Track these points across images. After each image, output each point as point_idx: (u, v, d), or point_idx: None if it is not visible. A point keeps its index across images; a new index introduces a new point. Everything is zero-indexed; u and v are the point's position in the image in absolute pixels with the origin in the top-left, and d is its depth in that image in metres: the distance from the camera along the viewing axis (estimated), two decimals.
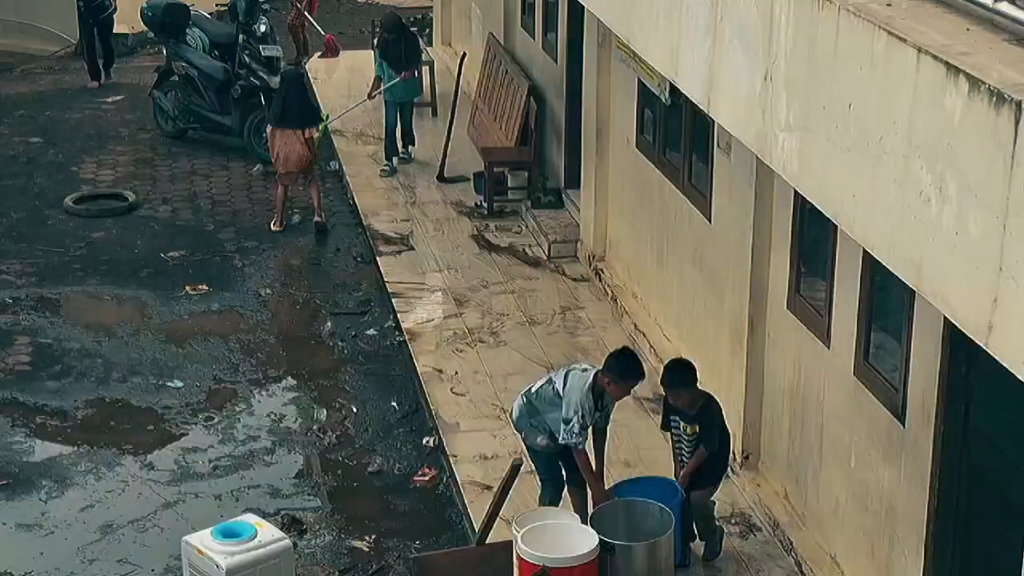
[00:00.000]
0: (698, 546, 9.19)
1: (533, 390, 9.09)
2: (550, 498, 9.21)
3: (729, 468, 9.60)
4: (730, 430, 9.27)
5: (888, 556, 8.19)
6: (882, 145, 5.18)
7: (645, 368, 9.20)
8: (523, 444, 9.31)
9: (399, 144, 16.38)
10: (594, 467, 9.10)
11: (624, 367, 8.85)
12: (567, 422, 8.80)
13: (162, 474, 10.78)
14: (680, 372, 9.02)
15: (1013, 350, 4.48)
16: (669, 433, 9.27)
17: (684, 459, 9.08)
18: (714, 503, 9.24)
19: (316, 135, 15.00)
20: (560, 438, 8.85)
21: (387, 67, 16.05)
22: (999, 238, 4.46)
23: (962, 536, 7.77)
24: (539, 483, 9.32)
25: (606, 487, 9.08)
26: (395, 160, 16.20)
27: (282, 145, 14.86)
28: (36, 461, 10.99)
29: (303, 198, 15.60)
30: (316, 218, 15.30)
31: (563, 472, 9.19)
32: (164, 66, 18.23)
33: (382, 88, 16.04)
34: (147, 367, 12.44)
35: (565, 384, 8.88)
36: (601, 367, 8.90)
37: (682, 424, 9.01)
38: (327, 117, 16.05)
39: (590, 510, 8.96)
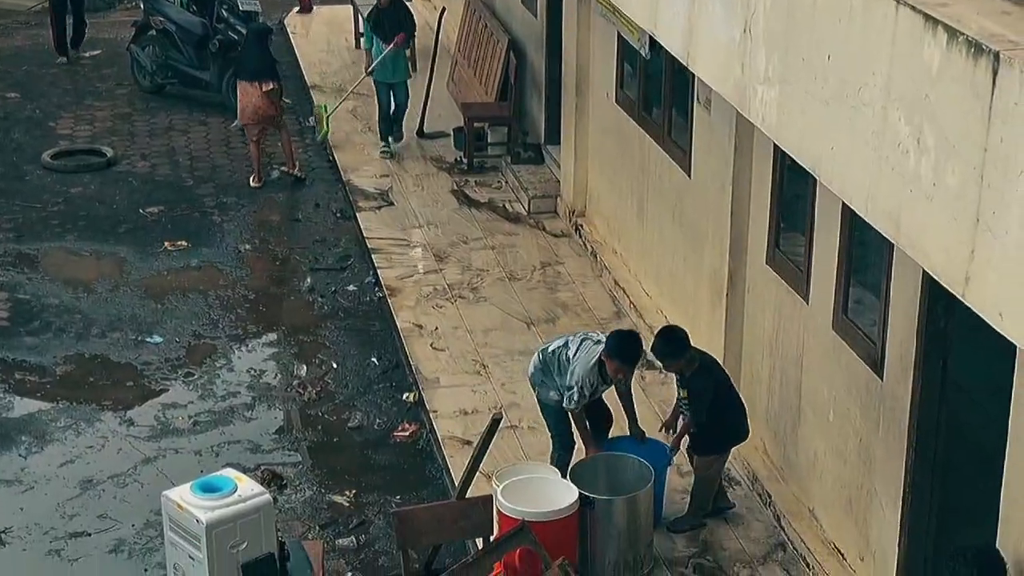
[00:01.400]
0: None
1: (550, 349, 9.10)
2: (559, 455, 9.22)
3: None
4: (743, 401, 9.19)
5: (866, 508, 8.23)
6: (860, 97, 5.17)
7: (628, 324, 9.19)
8: (536, 399, 9.32)
9: (380, 130, 15.67)
10: (628, 424, 9.20)
11: (619, 347, 8.84)
12: (568, 389, 8.86)
13: (142, 430, 10.78)
14: (666, 342, 8.90)
15: (989, 302, 4.49)
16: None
17: (684, 415, 9.05)
18: (719, 479, 9.17)
19: (273, 90, 14.85)
20: (564, 402, 8.92)
21: (378, 41, 15.35)
22: (977, 190, 4.47)
23: (939, 488, 7.82)
24: (550, 440, 9.33)
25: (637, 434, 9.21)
26: (391, 140, 15.52)
27: (240, 96, 14.88)
28: (15, 417, 10.97)
29: (282, 154, 15.53)
30: (286, 168, 15.27)
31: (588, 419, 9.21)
32: (142, 21, 18.08)
33: (374, 63, 15.32)
34: (126, 323, 12.41)
35: (576, 353, 8.91)
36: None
37: (679, 388, 8.97)
38: (324, 107, 15.81)
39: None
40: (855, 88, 5.20)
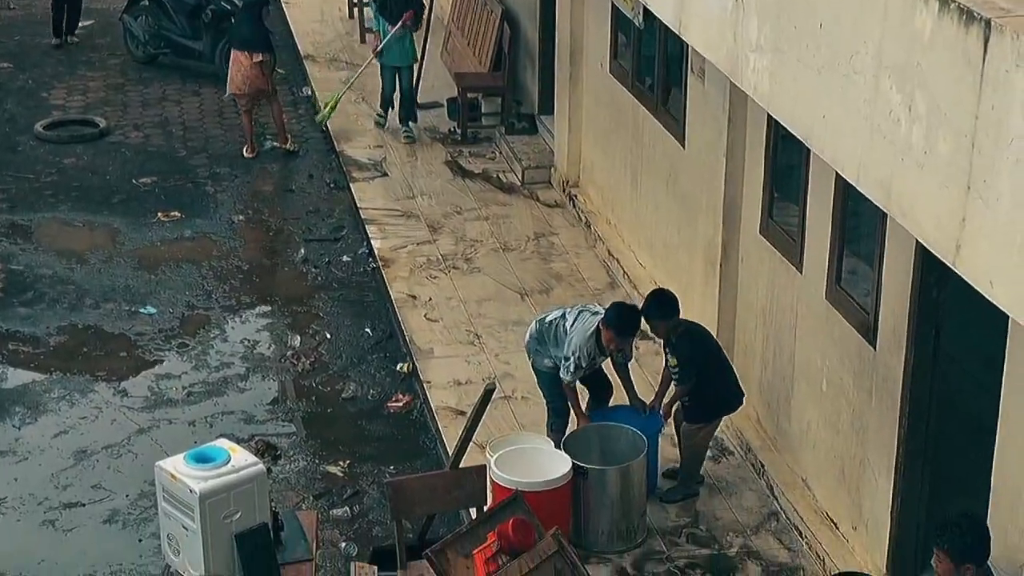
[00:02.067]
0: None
1: (547, 320, 9.10)
2: (554, 421, 9.23)
3: None
4: (735, 369, 9.20)
5: (858, 478, 8.25)
6: (852, 65, 5.15)
7: (622, 295, 9.19)
8: (531, 367, 9.33)
9: (399, 115, 15.13)
10: (627, 396, 9.22)
11: (618, 318, 8.84)
12: (566, 359, 8.86)
13: (136, 400, 10.78)
14: (653, 303, 8.96)
15: (980, 270, 4.49)
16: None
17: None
18: (706, 446, 9.18)
19: (265, 62, 14.76)
20: (561, 373, 8.92)
21: (384, 22, 14.87)
22: (968, 157, 4.45)
23: (931, 458, 7.83)
24: (545, 409, 9.34)
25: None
26: (390, 112, 15.13)
27: (231, 65, 14.84)
28: (9, 388, 10.96)
29: (275, 125, 15.48)
30: (278, 143, 15.22)
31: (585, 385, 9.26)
32: None
33: (380, 45, 14.87)
34: (120, 293, 12.40)
35: (574, 324, 8.91)
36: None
37: (668, 357, 8.96)
38: (336, 99, 15.54)
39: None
40: (847, 56, 5.18)
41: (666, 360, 9.02)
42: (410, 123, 15.02)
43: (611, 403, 9.35)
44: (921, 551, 8.00)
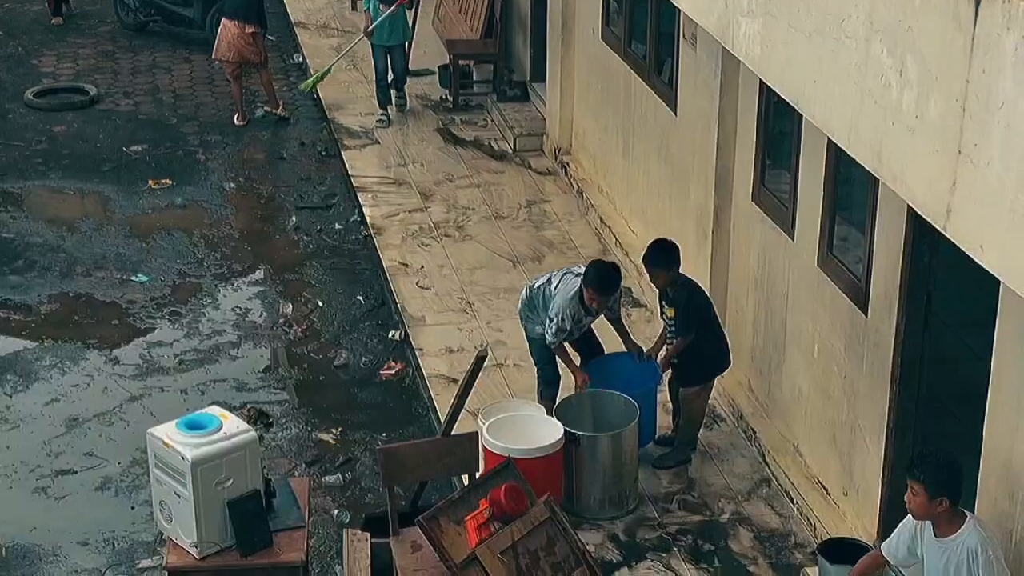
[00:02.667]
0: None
1: (536, 285, 9.10)
2: (543, 389, 9.23)
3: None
4: (725, 333, 9.19)
5: (849, 443, 8.26)
6: (843, 29, 5.14)
7: (612, 260, 9.17)
8: (524, 335, 9.32)
9: (392, 106, 14.82)
10: (623, 342, 9.21)
11: (596, 276, 8.82)
12: (549, 321, 8.86)
13: (127, 368, 10.77)
14: (656, 251, 8.89)
15: (970, 234, 4.49)
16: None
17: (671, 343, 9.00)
18: (704, 412, 9.17)
19: (255, 33, 14.68)
20: (546, 334, 8.92)
21: (376, 2, 14.44)
22: (958, 121, 4.44)
23: (922, 423, 7.85)
24: (536, 374, 9.34)
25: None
26: (390, 109, 14.71)
27: (220, 31, 14.77)
28: (0, 356, 10.95)
29: (266, 93, 15.43)
30: (269, 108, 15.17)
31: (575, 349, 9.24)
32: None
33: (373, 25, 14.50)
34: (111, 261, 12.38)
35: (557, 285, 8.91)
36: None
37: (665, 308, 8.93)
38: (325, 72, 15.43)
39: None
40: (838, 20, 5.17)
41: (662, 313, 8.96)
42: (389, 108, 14.63)
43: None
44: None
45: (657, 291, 9.13)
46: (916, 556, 6.43)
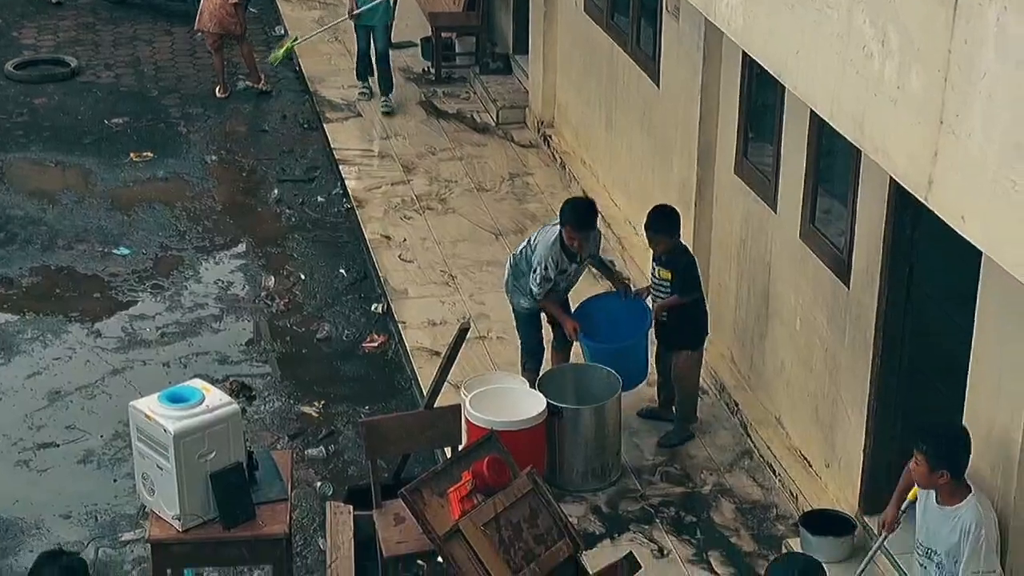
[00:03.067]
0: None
1: (518, 251, 9.08)
2: (526, 361, 9.22)
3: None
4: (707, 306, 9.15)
5: (831, 416, 8.29)
6: None
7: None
8: (511, 309, 9.29)
9: (373, 78, 14.47)
10: (610, 280, 9.20)
11: (572, 212, 8.79)
12: (533, 272, 8.82)
13: (109, 341, 10.75)
14: (660, 217, 8.82)
15: (952, 205, 4.49)
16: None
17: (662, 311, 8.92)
18: (698, 381, 9.15)
19: (238, 4, 14.57)
20: (531, 285, 8.85)
21: None
22: (940, 92, 4.44)
23: (904, 395, 7.87)
24: (519, 347, 9.33)
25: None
26: (371, 80, 14.42)
27: (202, 1, 14.67)
28: None
29: (246, 66, 15.37)
30: (251, 83, 15.10)
31: (552, 338, 9.20)
32: None
33: (358, 9, 14.12)
34: (92, 234, 12.34)
35: (536, 237, 8.91)
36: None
37: (657, 270, 8.87)
38: (295, 39, 15.36)
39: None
40: None
41: (654, 275, 8.88)
42: (389, 95, 14.36)
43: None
44: (893, 488, 8.04)
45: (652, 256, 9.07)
46: None
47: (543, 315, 9.15)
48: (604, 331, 8.97)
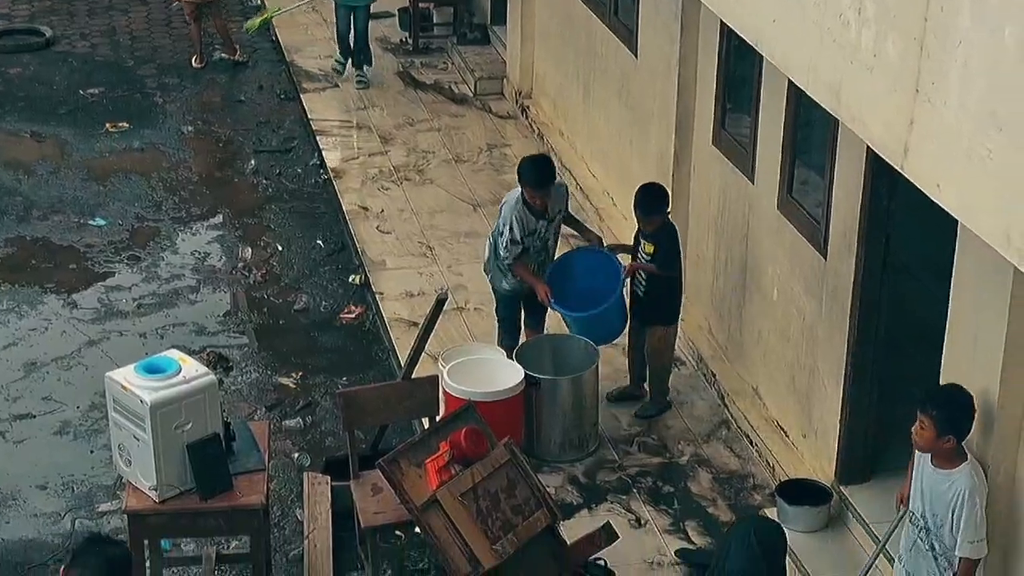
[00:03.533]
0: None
1: (494, 229, 9.01)
2: (503, 339, 9.20)
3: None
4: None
5: (808, 386, 8.31)
6: None
7: (575, 205, 9.10)
8: (490, 286, 9.26)
9: (351, 60, 14.24)
10: (582, 234, 9.21)
11: (527, 170, 8.76)
12: (501, 235, 8.77)
13: (86, 312, 10.70)
14: (651, 198, 8.69)
15: (927, 173, 4.49)
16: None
17: (640, 284, 8.86)
18: (672, 356, 9.13)
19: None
20: (501, 251, 8.78)
21: None
22: (916, 60, 4.44)
23: (881, 366, 7.90)
24: (496, 323, 9.30)
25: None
26: (365, 68, 14.15)
27: None
28: None
29: (221, 37, 15.28)
30: (224, 55, 15.00)
31: (523, 315, 9.16)
32: None
33: None
34: (68, 205, 12.28)
35: (503, 204, 8.88)
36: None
37: (643, 243, 8.78)
38: (272, 13, 15.19)
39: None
40: None
41: (637, 248, 8.83)
42: (365, 67, 14.23)
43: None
44: (869, 458, 8.10)
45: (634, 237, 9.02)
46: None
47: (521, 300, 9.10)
48: (580, 289, 8.88)
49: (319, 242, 11.72)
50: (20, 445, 9.23)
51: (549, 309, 9.05)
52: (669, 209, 8.77)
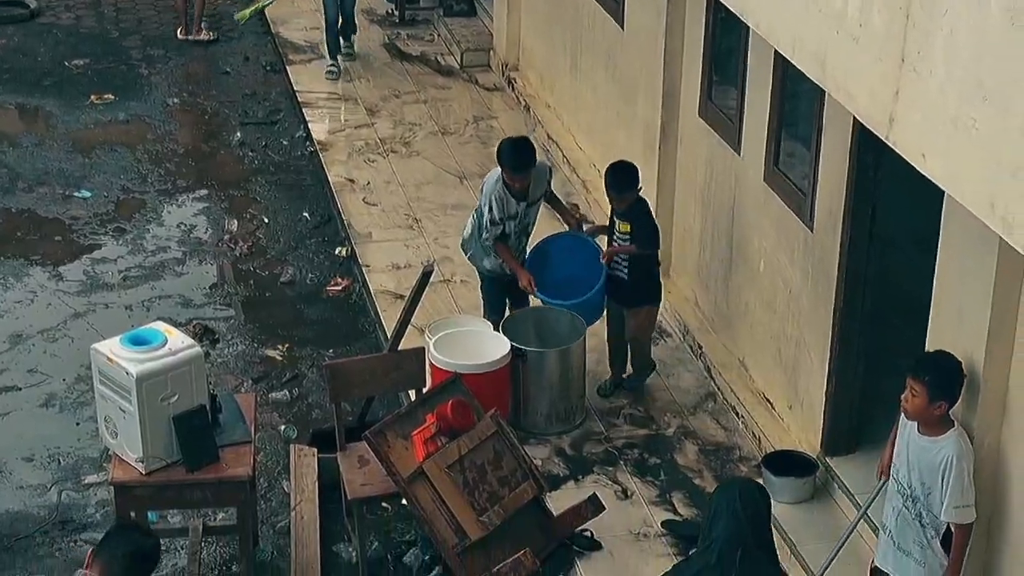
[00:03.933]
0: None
1: (477, 204, 8.98)
2: (488, 315, 9.17)
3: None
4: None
5: (794, 358, 8.32)
6: None
7: (561, 178, 9.06)
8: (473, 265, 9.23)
9: (341, 39, 13.88)
10: (561, 216, 9.16)
11: (506, 153, 8.70)
12: (481, 215, 8.75)
13: (71, 284, 10.68)
14: (621, 176, 8.58)
15: (912, 143, 4.49)
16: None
17: (622, 268, 8.78)
18: (651, 335, 9.09)
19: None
20: (482, 232, 8.75)
21: None
22: (902, 29, 4.43)
23: (866, 337, 7.91)
24: (481, 304, 9.29)
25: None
26: (340, 59, 13.77)
27: None
28: None
29: (210, 5, 15.22)
30: (194, 34, 14.84)
31: (507, 297, 9.12)
32: None
33: None
34: (53, 177, 12.23)
35: (483, 184, 8.87)
36: None
37: (618, 223, 8.72)
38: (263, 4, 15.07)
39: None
40: None
41: (613, 228, 8.81)
42: (352, 37, 14.00)
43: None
44: (855, 429, 8.12)
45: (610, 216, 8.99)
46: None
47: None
48: (559, 277, 8.88)
49: (305, 214, 11.70)
50: (5, 417, 9.22)
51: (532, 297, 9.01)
52: (640, 186, 8.69)
